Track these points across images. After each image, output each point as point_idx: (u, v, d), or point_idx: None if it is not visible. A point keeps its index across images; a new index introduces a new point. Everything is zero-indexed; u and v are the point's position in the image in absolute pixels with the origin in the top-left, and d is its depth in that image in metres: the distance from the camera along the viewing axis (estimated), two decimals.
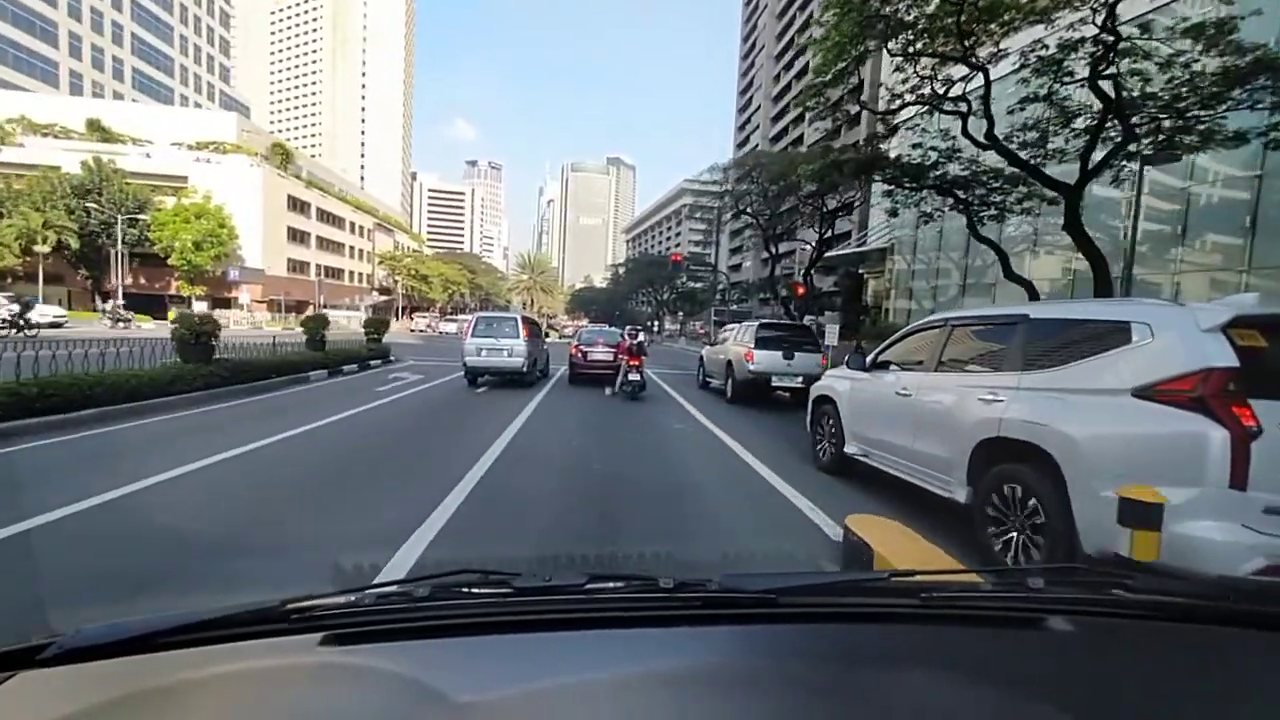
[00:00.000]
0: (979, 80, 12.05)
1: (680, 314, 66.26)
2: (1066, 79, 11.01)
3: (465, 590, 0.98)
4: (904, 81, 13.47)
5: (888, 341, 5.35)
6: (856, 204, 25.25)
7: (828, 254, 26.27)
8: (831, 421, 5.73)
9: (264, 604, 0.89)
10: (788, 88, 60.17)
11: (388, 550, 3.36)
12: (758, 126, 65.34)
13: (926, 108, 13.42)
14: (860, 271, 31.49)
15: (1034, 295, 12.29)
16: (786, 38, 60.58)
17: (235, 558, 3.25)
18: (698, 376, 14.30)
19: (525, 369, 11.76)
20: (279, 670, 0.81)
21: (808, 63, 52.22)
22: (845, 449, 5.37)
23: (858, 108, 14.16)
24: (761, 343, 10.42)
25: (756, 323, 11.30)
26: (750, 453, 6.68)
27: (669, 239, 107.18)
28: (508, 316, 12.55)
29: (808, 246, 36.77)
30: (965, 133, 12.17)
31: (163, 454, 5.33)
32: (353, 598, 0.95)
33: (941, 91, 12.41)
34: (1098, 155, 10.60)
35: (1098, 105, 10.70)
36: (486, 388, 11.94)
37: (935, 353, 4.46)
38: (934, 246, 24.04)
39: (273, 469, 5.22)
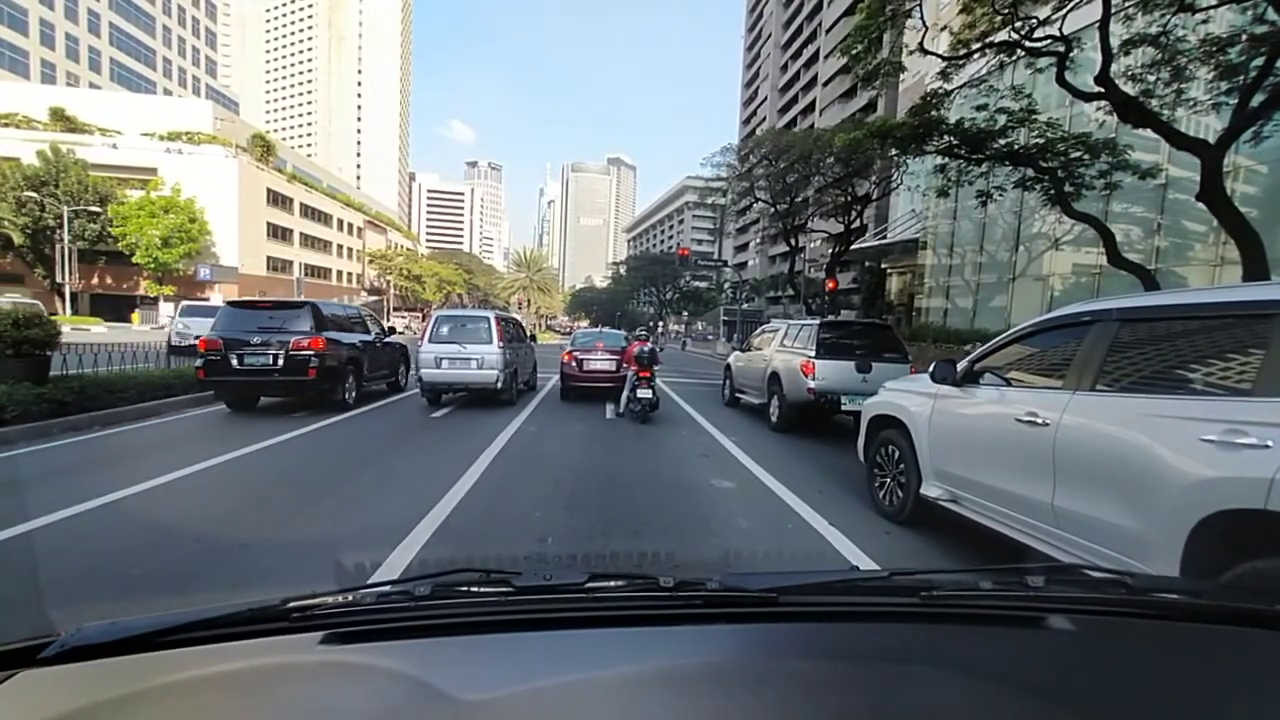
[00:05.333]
0: (1075, 19, 9.51)
1: (685, 314, 63.87)
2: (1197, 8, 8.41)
3: (466, 589, 0.98)
4: (971, 26, 10.90)
5: (990, 345, 3.94)
6: (892, 188, 22.52)
7: (849, 248, 23.67)
8: (897, 451, 4.41)
9: (265, 603, 0.88)
10: (795, 77, 57.82)
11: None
12: (764, 119, 62.86)
13: (999, 57, 10.86)
14: (884, 267, 28.87)
15: (1151, 284, 9.64)
16: (794, 25, 58.18)
17: None
18: (723, 390, 11.50)
19: (501, 383, 9.01)
20: (280, 669, 0.80)
21: (817, 50, 50.08)
22: (923, 490, 4.02)
23: (914, 53, 11.54)
24: (826, 349, 7.50)
25: (816, 321, 8.28)
26: (857, 544, 4.02)
27: (671, 237, 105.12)
28: (478, 316, 9.71)
29: (817, 242, 34.56)
30: (1061, 80, 9.54)
31: None
32: (353, 596, 0.96)
33: (1024, 32, 9.79)
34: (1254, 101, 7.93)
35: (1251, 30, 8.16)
36: (451, 407, 9.27)
37: (1089, 362, 2.99)
38: (973, 239, 21.39)
39: None
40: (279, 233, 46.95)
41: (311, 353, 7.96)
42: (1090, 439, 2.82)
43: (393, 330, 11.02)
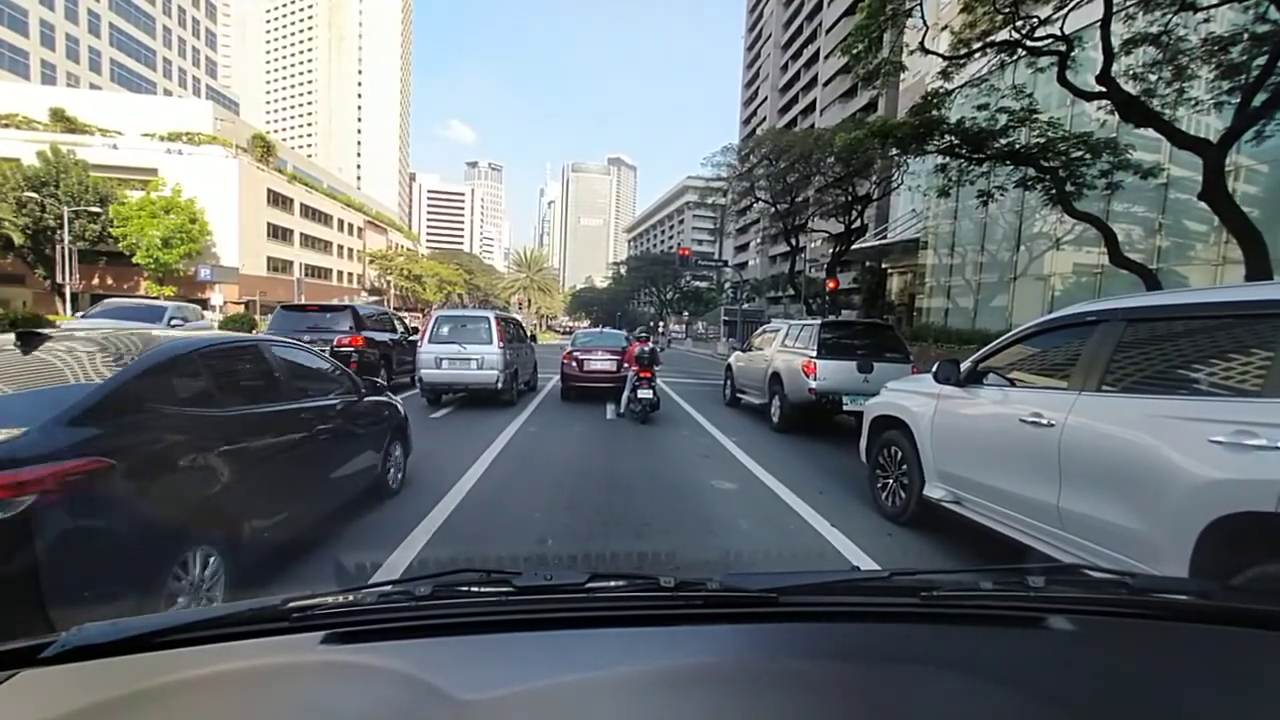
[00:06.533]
0: (1076, 18, 9.50)
1: (685, 314, 63.88)
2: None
3: (466, 589, 0.98)
4: (972, 26, 10.88)
5: (993, 345, 3.92)
6: (893, 188, 22.50)
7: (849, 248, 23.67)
8: (900, 452, 4.38)
9: (265, 602, 0.89)
10: (796, 77, 57.79)
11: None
12: (764, 119, 62.82)
13: (1000, 56, 10.85)
14: (884, 267, 28.84)
15: (1153, 284, 9.61)
16: (794, 25, 58.15)
17: None
18: (724, 391, 11.48)
19: (501, 384, 9.01)
20: (280, 669, 0.81)
21: (817, 50, 50.04)
22: (926, 491, 4.00)
23: (914, 52, 11.52)
24: (827, 349, 7.48)
25: (817, 321, 8.27)
26: (862, 548, 3.99)
27: (671, 238, 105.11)
28: (478, 316, 9.74)
29: (818, 242, 34.52)
30: (1062, 79, 9.53)
31: None
32: (354, 596, 0.97)
33: (1025, 31, 9.77)
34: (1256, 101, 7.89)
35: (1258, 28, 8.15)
36: (452, 407, 9.27)
37: (1095, 362, 2.95)
38: (974, 239, 21.36)
39: None
40: (279, 233, 46.91)
41: (352, 349, 9.26)
42: (1096, 440, 2.79)
43: (415, 330, 12.27)
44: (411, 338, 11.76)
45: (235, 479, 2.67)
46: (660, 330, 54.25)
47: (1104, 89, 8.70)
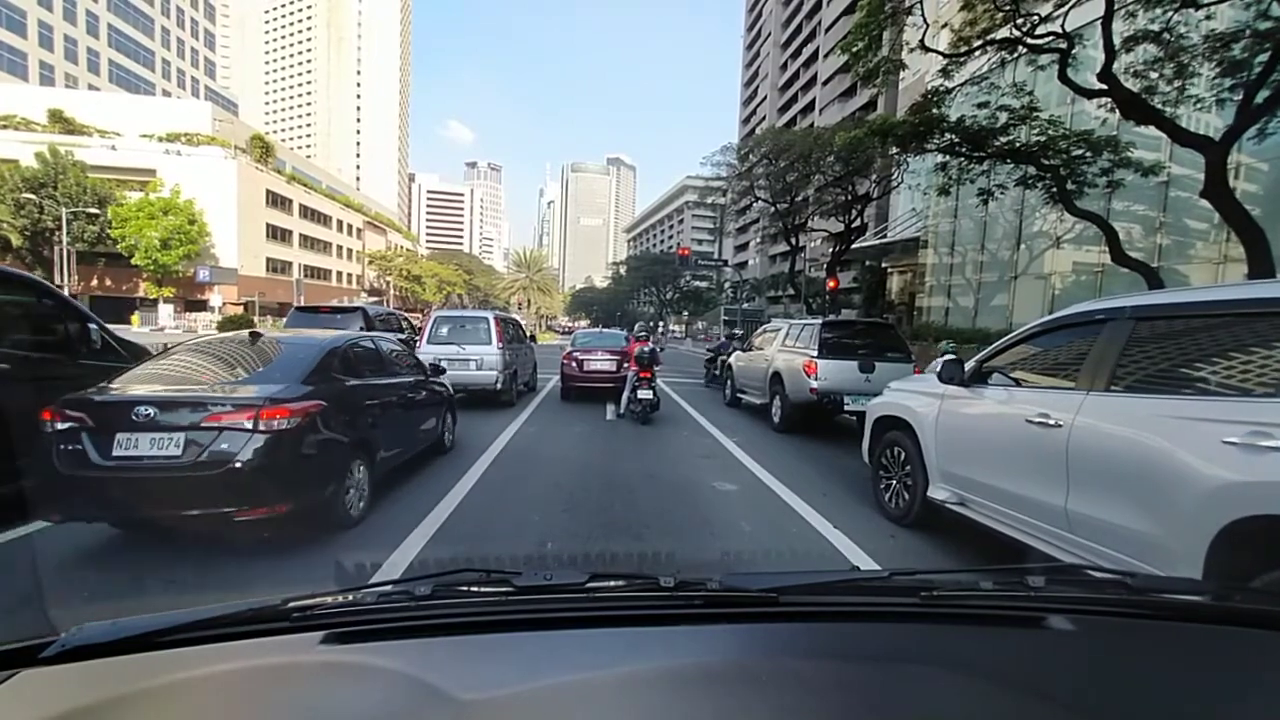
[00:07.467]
0: (1077, 16, 9.46)
1: (685, 314, 63.92)
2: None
3: (466, 589, 0.98)
4: (972, 23, 10.83)
5: (998, 345, 3.89)
6: (893, 186, 22.46)
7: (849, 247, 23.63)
8: (903, 453, 4.34)
9: (265, 602, 0.89)
10: (795, 76, 57.77)
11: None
12: (763, 118, 62.78)
13: (1000, 54, 10.81)
14: (884, 266, 28.80)
15: (1156, 282, 9.58)
16: (794, 24, 58.12)
17: None
18: (724, 390, 11.47)
19: (500, 384, 8.98)
20: (280, 668, 0.81)
21: (817, 49, 50.01)
22: (930, 493, 3.97)
23: (914, 50, 11.41)
24: (828, 348, 7.44)
25: (818, 321, 8.21)
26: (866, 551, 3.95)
27: (671, 237, 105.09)
28: (477, 316, 9.72)
29: (817, 241, 34.49)
30: (1063, 77, 9.50)
31: None
32: (354, 596, 0.97)
33: (1025, 29, 9.73)
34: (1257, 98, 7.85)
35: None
36: None
37: (1103, 362, 2.90)
38: (974, 238, 21.32)
39: None
40: (278, 234, 46.87)
41: None
42: (1105, 441, 2.74)
43: (421, 330, 13.15)
44: (417, 337, 11.98)
45: (371, 422, 4.30)
46: (659, 330, 54.25)
47: (1105, 86, 8.67)
